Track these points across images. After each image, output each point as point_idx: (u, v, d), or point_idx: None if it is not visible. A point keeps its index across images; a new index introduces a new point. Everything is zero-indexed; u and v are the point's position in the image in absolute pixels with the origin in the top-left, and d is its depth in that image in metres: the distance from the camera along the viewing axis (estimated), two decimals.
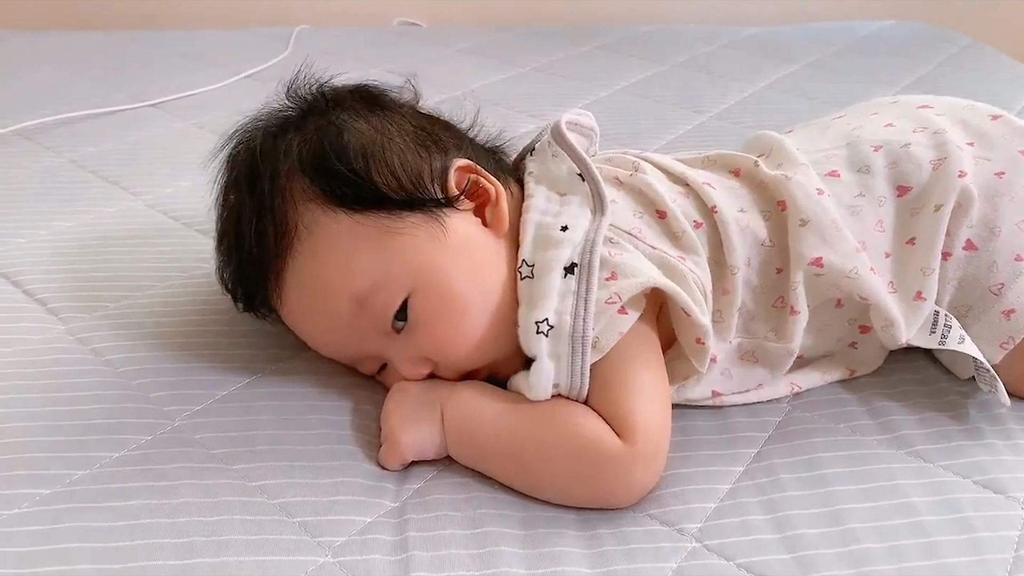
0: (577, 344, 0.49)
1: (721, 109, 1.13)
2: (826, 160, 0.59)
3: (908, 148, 0.58)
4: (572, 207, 0.54)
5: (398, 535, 0.47)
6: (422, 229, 0.52)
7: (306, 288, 0.53)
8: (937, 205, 0.56)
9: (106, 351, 0.60)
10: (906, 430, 0.55)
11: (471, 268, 0.53)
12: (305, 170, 0.53)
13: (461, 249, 0.53)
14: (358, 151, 0.53)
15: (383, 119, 0.56)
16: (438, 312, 0.52)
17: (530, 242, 0.53)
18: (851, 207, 0.57)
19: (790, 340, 0.56)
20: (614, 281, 0.50)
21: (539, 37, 1.50)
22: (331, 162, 0.53)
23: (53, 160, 0.93)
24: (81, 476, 0.49)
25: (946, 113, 0.62)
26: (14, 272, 0.70)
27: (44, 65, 1.26)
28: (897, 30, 1.56)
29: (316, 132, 0.55)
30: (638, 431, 0.48)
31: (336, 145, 0.53)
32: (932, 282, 0.56)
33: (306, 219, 0.52)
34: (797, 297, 0.55)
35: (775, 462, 0.53)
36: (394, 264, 0.52)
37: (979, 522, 0.48)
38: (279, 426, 0.54)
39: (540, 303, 0.50)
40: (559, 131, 0.57)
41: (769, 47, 1.43)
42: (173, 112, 1.09)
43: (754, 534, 0.47)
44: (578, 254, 0.51)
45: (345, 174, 0.52)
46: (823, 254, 0.54)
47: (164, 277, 0.70)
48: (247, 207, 0.54)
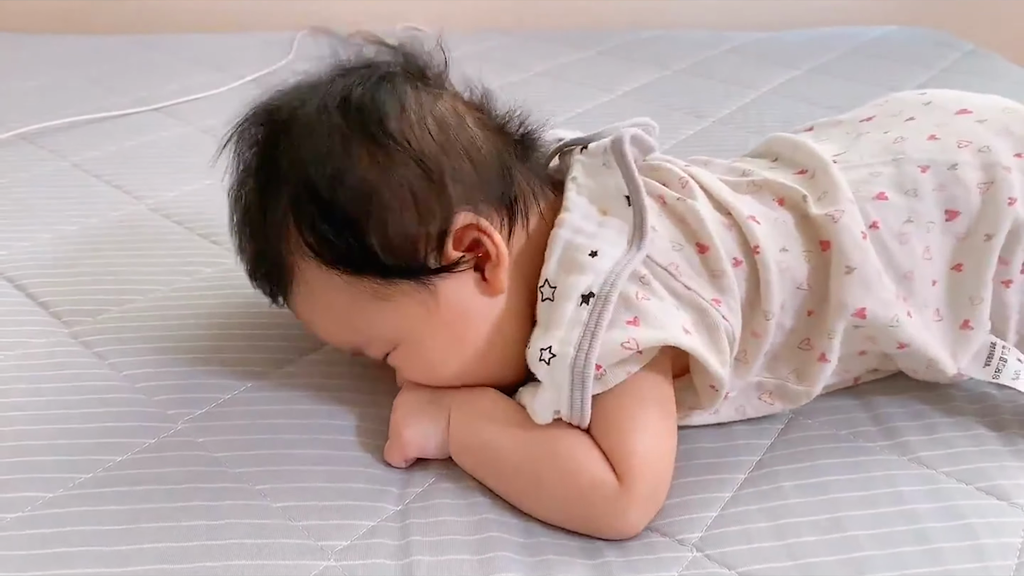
0: (577, 378, 0.47)
1: (724, 114, 1.13)
2: (872, 179, 0.55)
3: (955, 170, 0.55)
4: (610, 232, 0.51)
5: (401, 539, 0.47)
6: (412, 298, 0.50)
7: (309, 321, 0.55)
8: (988, 235, 0.54)
9: (109, 355, 0.60)
10: (908, 436, 0.55)
11: (456, 341, 0.52)
12: (298, 226, 0.50)
13: (448, 320, 0.51)
14: (351, 211, 0.49)
15: (386, 153, 0.49)
16: (415, 367, 0.54)
17: (555, 262, 0.50)
18: (900, 234, 0.54)
19: (812, 384, 0.55)
20: (635, 327, 0.48)
21: (542, 42, 1.50)
22: (323, 226, 0.49)
23: (57, 164, 0.93)
24: (85, 480, 0.49)
25: (988, 119, 0.58)
26: (18, 276, 0.70)
27: (48, 69, 1.27)
28: (900, 35, 1.56)
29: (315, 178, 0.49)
30: (636, 475, 0.47)
31: (327, 202, 0.49)
32: (982, 312, 0.54)
33: (303, 268, 0.51)
34: (831, 347, 0.53)
35: (777, 469, 0.53)
36: (380, 327, 0.52)
37: (982, 529, 0.48)
38: (282, 430, 0.54)
39: (552, 331, 0.48)
40: (620, 149, 0.54)
41: (772, 52, 1.43)
42: (176, 116, 1.09)
43: (756, 542, 0.47)
44: (598, 284, 0.48)
45: (342, 238, 0.49)
46: (867, 304, 0.52)
47: (168, 281, 0.70)
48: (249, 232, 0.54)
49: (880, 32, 1.58)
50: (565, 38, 1.52)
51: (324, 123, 0.50)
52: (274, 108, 0.53)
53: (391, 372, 0.58)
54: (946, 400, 0.58)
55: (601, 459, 0.48)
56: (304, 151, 0.50)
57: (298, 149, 0.50)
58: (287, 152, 0.51)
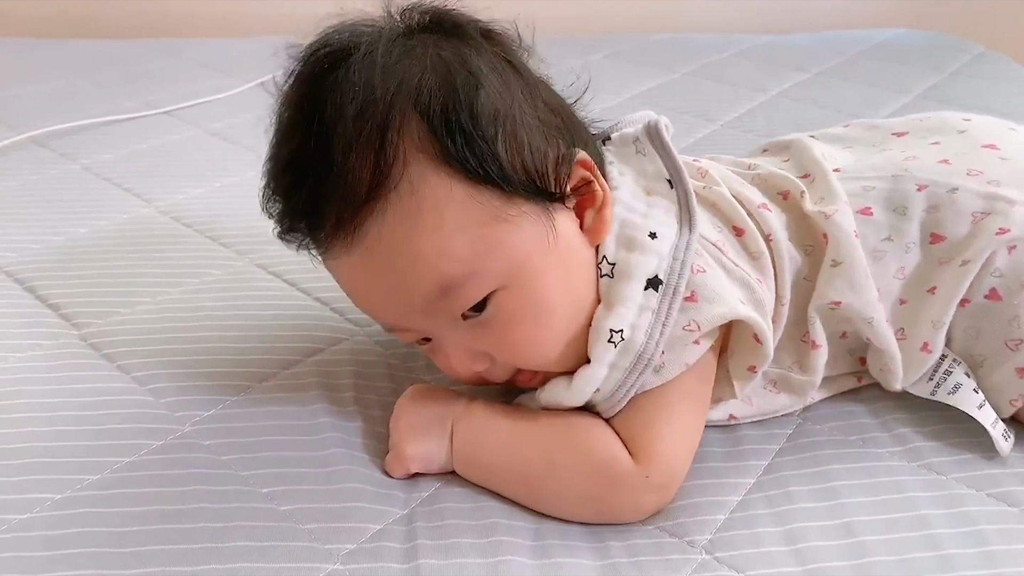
0: (640, 364, 0.47)
1: (732, 117, 1.13)
2: (863, 193, 0.55)
3: (954, 194, 0.54)
4: (659, 212, 0.51)
5: (407, 543, 0.46)
6: (531, 222, 0.46)
7: (387, 251, 0.45)
8: (965, 260, 0.53)
9: (118, 356, 0.61)
10: (918, 442, 0.55)
11: (566, 275, 0.48)
12: (430, 117, 0.44)
13: (564, 255, 0.48)
14: (492, 115, 0.45)
15: (518, 84, 0.48)
16: (523, 315, 0.47)
17: (614, 238, 0.50)
18: (875, 251, 0.54)
19: (813, 373, 0.55)
20: (693, 304, 0.48)
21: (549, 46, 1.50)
22: (463, 118, 0.44)
23: (67, 167, 0.94)
24: (92, 481, 0.49)
25: (1011, 158, 0.57)
26: (28, 278, 0.71)
27: (59, 73, 1.27)
28: (909, 38, 1.55)
29: (451, 75, 0.45)
30: (656, 459, 0.47)
31: (470, 102, 0.45)
32: (940, 335, 0.54)
33: (414, 173, 0.44)
34: (817, 331, 0.54)
35: (786, 474, 0.52)
36: (495, 256, 0.46)
37: (993, 535, 0.48)
38: (288, 433, 0.54)
39: (617, 309, 0.48)
40: (658, 131, 0.53)
41: (781, 55, 1.43)
42: (186, 120, 1.09)
43: (765, 546, 0.47)
44: (664, 270, 0.48)
45: (475, 138, 0.44)
46: (844, 298, 0.53)
47: (176, 283, 0.70)
48: (348, 130, 0.44)
49: (889, 35, 1.57)
50: (573, 42, 1.52)
51: (468, 32, 0.49)
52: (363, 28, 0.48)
53: (400, 373, 0.58)
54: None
55: (616, 440, 0.48)
56: (444, 49, 0.46)
57: (435, 49, 0.46)
58: (417, 49, 0.46)
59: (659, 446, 0.47)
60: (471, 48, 0.48)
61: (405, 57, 0.46)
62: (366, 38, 0.47)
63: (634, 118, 0.56)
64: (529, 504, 0.49)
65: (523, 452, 0.49)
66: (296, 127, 0.46)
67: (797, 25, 1.69)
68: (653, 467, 0.47)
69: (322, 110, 0.45)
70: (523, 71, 0.50)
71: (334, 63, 0.46)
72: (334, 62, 0.46)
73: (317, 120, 0.45)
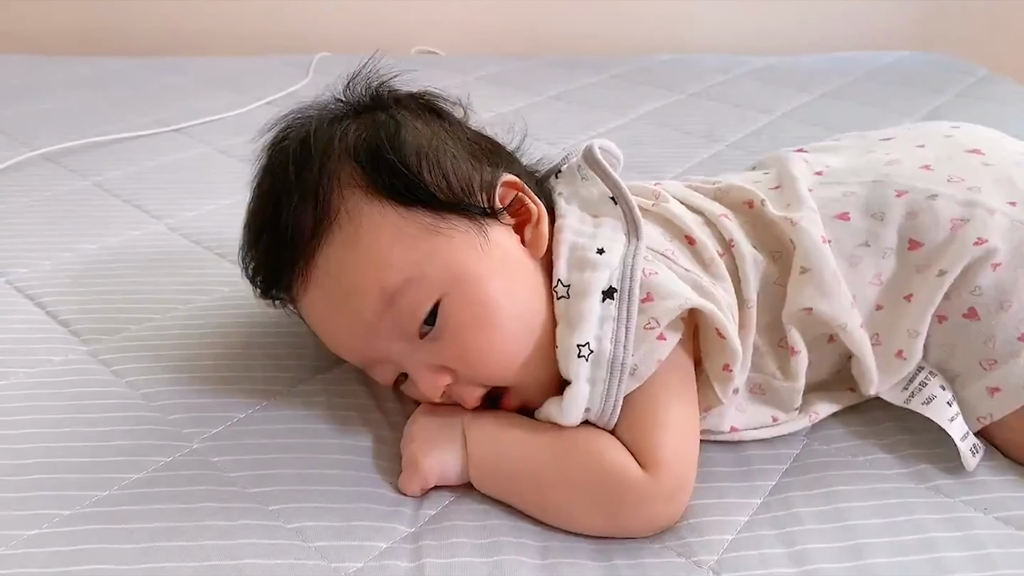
0: (616, 371, 0.49)
1: (738, 138, 1.13)
2: (842, 198, 0.57)
3: (933, 200, 0.55)
4: (606, 229, 0.54)
5: (415, 561, 0.46)
6: (464, 234, 0.52)
7: (335, 275, 0.51)
8: (941, 270, 0.54)
9: (127, 373, 0.61)
10: (925, 464, 0.55)
11: (508, 281, 0.52)
12: (357, 157, 0.53)
13: (500, 260, 0.52)
14: (412, 148, 0.53)
15: (439, 125, 0.57)
16: (470, 319, 0.50)
17: (564, 261, 0.53)
18: (851, 256, 0.55)
19: (795, 379, 0.56)
20: (650, 304, 0.50)
21: (557, 66, 1.51)
22: (384, 152, 0.52)
23: (78, 183, 0.94)
24: (100, 498, 0.50)
25: (995, 164, 0.58)
26: (38, 294, 0.71)
27: (70, 90, 1.29)
28: (914, 60, 1.56)
29: (372, 123, 0.55)
30: (662, 464, 0.48)
31: (391, 138, 0.53)
32: (917, 344, 0.54)
33: (350, 204, 0.51)
34: (795, 338, 0.55)
35: (792, 495, 0.52)
36: (431, 263, 0.50)
37: (1001, 558, 0.47)
38: (296, 450, 0.54)
39: (580, 325, 0.50)
40: (592, 154, 0.57)
41: (785, 76, 1.44)
42: (195, 137, 1.10)
43: (772, 567, 0.47)
44: (616, 279, 0.50)
45: (398, 166, 0.52)
46: (815, 305, 0.54)
47: (186, 300, 0.70)
48: (290, 186, 0.52)
49: (894, 57, 1.58)
50: (579, 62, 1.53)
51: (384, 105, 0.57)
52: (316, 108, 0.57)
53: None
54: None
55: (623, 449, 0.49)
56: (364, 120, 0.55)
57: (365, 116, 0.56)
58: (344, 122, 0.55)
59: (663, 452, 0.48)
60: (392, 103, 0.57)
61: (335, 121, 0.55)
62: (309, 120, 0.56)
63: (579, 148, 0.59)
64: (540, 514, 0.49)
65: (535, 458, 0.50)
66: (253, 203, 0.56)
67: (802, 47, 1.71)
68: (661, 473, 0.48)
69: (271, 178, 0.55)
70: (446, 116, 0.59)
71: (284, 141, 0.55)
72: (284, 140, 0.55)
73: (268, 188, 0.54)
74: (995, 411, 0.54)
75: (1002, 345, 0.54)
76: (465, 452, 0.51)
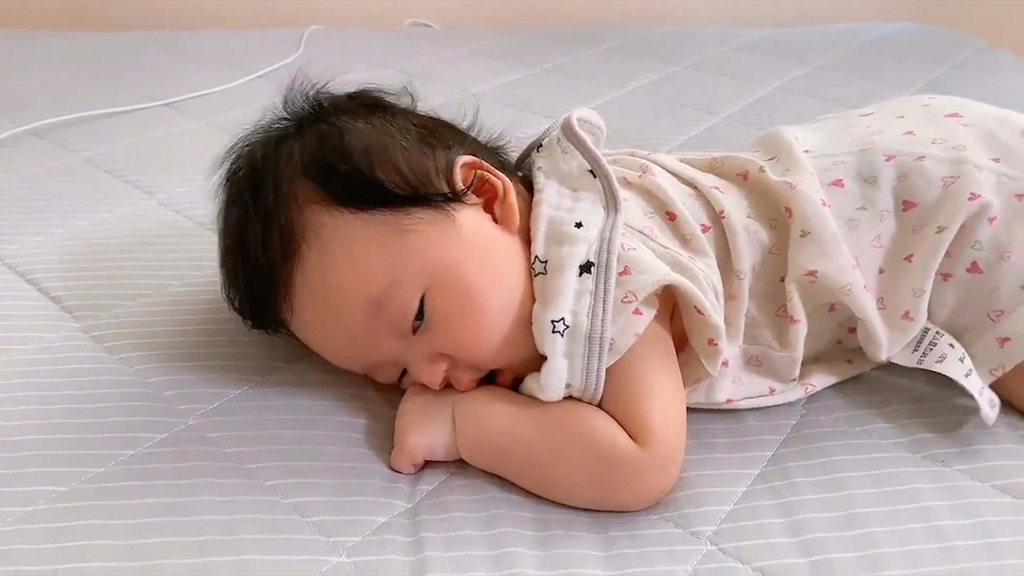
0: (594, 345, 0.48)
1: (735, 110, 1.12)
2: (833, 167, 0.57)
3: (922, 162, 0.56)
4: (585, 203, 0.53)
5: (413, 536, 0.46)
6: (432, 224, 0.51)
7: (317, 295, 0.51)
8: (940, 227, 0.54)
9: (120, 349, 0.61)
10: (923, 434, 0.55)
11: (485, 261, 0.52)
12: (308, 173, 0.52)
13: (473, 242, 0.52)
14: (360, 151, 0.52)
15: (384, 120, 0.56)
16: (456, 307, 0.51)
17: (542, 237, 0.52)
18: (850, 220, 0.56)
19: (793, 349, 0.55)
20: (627, 277, 0.49)
21: (552, 38, 1.50)
22: (334, 162, 0.52)
23: (68, 159, 0.93)
24: (96, 474, 0.49)
25: (974, 124, 0.59)
26: (30, 270, 0.71)
27: (59, 65, 1.27)
28: (911, 32, 1.55)
29: (316, 136, 0.54)
30: (653, 434, 0.48)
31: (338, 146, 0.53)
32: (922, 303, 0.55)
33: (312, 222, 0.51)
34: (795, 306, 0.55)
35: (790, 465, 0.52)
36: (407, 261, 0.50)
37: (998, 527, 0.48)
38: (293, 425, 0.54)
39: (555, 300, 0.49)
40: (570, 127, 0.56)
41: (783, 49, 1.43)
42: (186, 112, 1.09)
43: (770, 537, 0.47)
44: (594, 253, 0.50)
45: (348, 174, 0.51)
46: (818, 267, 0.54)
47: (179, 276, 0.70)
48: (250, 218, 0.53)
49: (891, 29, 1.57)
50: (576, 34, 1.52)
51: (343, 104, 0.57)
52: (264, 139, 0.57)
53: None
54: (960, 398, 0.58)
55: (612, 422, 0.49)
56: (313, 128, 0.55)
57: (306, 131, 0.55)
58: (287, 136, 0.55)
59: (652, 423, 0.48)
60: (332, 111, 0.56)
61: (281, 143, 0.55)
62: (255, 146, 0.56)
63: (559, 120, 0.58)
64: (534, 487, 0.50)
65: (526, 434, 0.50)
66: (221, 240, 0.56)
67: (799, 19, 1.69)
68: (652, 444, 0.48)
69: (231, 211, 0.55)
70: (389, 109, 0.58)
71: (242, 187, 0.55)
72: (242, 186, 0.55)
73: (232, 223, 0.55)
74: (1006, 361, 0.55)
75: (1007, 296, 0.55)
76: (453, 428, 0.51)
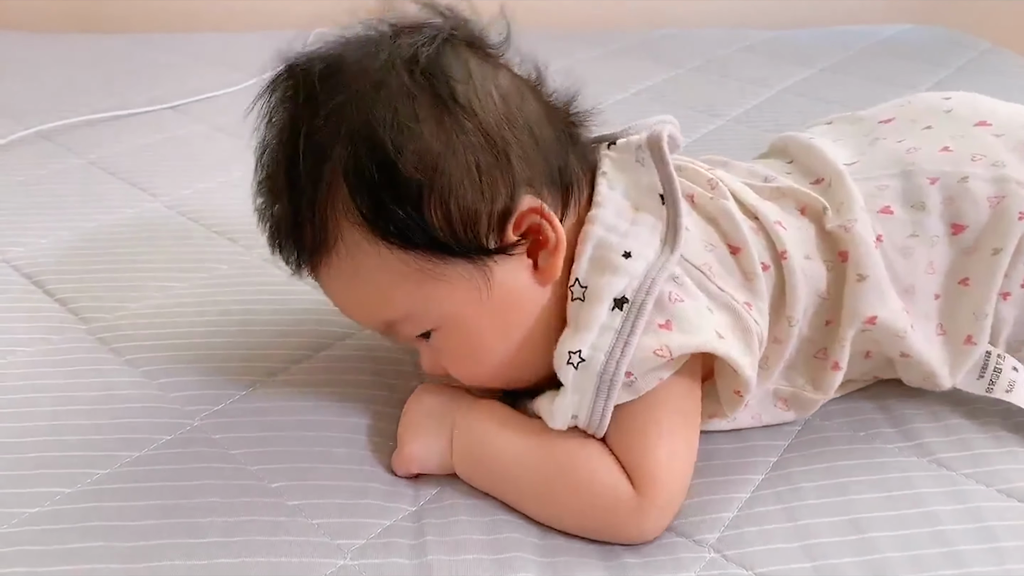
0: (604, 385, 0.46)
1: (738, 112, 1.12)
2: (879, 192, 0.55)
3: (966, 183, 0.54)
4: (642, 230, 0.49)
5: (417, 539, 0.47)
6: (466, 280, 0.48)
7: (338, 293, 0.51)
8: (996, 248, 0.53)
9: (126, 351, 0.61)
10: (927, 438, 0.55)
11: (506, 323, 0.49)
12: (352, 189, 0.46)
13: (500, 307, 0.49)
14: (416, 185, 0.45)
15: (455, 121, 0.46)
16: (458, 353, 0.51)
17: (587, 260, 0.49)
18: (903, 248, 0.53)
19: (826, 392, 0.54)
20: (667, 332, 0.46)
21: (555, 40, 1.49)
22: (385, 193, 0.45)
23: (74, 161, 0.94)
24: (102, 475, 0.50)
25: (1005, 134, 0.57)
26: (35, 272, 0.71)
27: (65, 68, 1.27)
28: (915, 34, 1.55)
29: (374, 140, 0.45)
30: (656, 484, 0.46)
31: (393, 171, 0.45)
32: (985, 326, 0.53)
33: (348, 240, 0.47)
34: (843, 353, 0.53)
35: (794, 471, 0.52)
36: (430, 307, 0.49)
37: (1003, 531, 0.48)
38: (298, 427, 0.54)
39: (581, 333, 0.47)
40: (659, 143, 0.51)
41: (786, 51, 1.42)
42: (191, 115, 1.09)
43: (774, 543, 0.47)
44: (632, 290, 0.47)
45: (399, 211, 0.45)
46: (878, 312, 0.52)
47: (184, 278, 0.70)
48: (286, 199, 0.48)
49: (895, 31, 1.57)
50: (578, 37, 1.52)
51: (391, 81, 0.46)
52: (325, 59, 0.48)
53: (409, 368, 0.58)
54: (966, 402, 0.57)
55: (616, 466, 0.47)
56: (367, 108, 0.46)
57: (360, 104, 0.46)
58: (346, 107, 0.46)
59: (659, 471, 0.46)
60: (406, 94, 0.46)
61: (347, 111, 0.46)
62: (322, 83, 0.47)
63: (645, 123, 0.54)
64: (528, 513, 0.49)
65: (523, 464, 0.49)
66: (259, 171, 0.51)
67: (802, 21, 1.69)
68: (652, 493, 0.46)
69: (277, 164, 0.49)
70: (478, 105, 0.47)
71: (292, 108, 0.49)
72: (292, 106, 0.49)
73: (274, 173, 0.49)
74: None
75: None
76: (449, 446, 0.51)
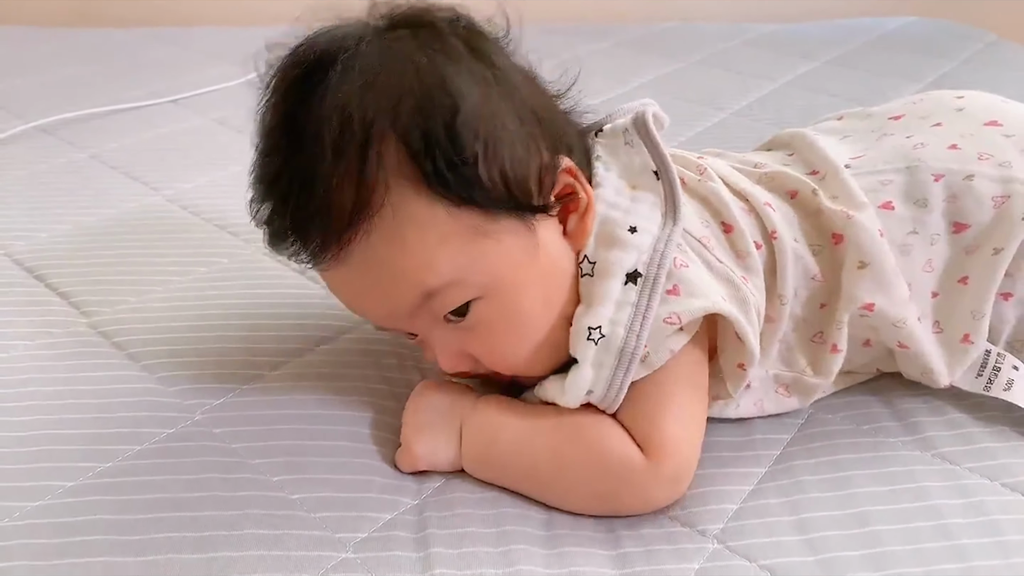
0: (625, 359, 0.46)
1: (741, 106, 1.12)
2: (881, 187, 0.55)
3: (971, 181, 0.54)
4: (642, 206, 0.50)
5: (419, 532, 0.46)
6: (514, 236, 0.47)
7: (373, 268, 0.46)
8: (996, 248, 0.53)
9: (127, 345, 0.61)
10: (931, 432, 0.54)
11: (547, 288, 0.49)
12: (410, 142, 0.44)
13: (543, 266, 0.48)
14: (472, 136, 0.44)
15: (500, 88, 0.47)
16: (502, 325, 0.48)
17: (593, 237, 0.49)
18: (902, 245, 0.54)
19: (827, 376, 0.54)
20: (675, 297, 0.47)
21: (558, 34, 1.49)
22: (442, 142, 0.44)
23: (75, 155, 0.93)
24: (103, 469, 0.50)
25: (1016, 134, 0.57)
26: (37, 266, 0.71)
27: (66, 62, 1.27)
28: (920, 27, 1.54)
29: (429, 92, 0.44)
30: (666, 451, 0.47)
31: (450, 122, 0.44)
32: (983, 326, 0.53)
33: (396, 198, 0.44)
34: (841, 336, 0.53)
35: (797, 464, 0.52)
36: (476, 268, 0.46)
37: (1007, 525, 0.47)
38: (299, 421, 0.54)
39: (597, 308, 0.47)
40: (645, 122, 0.52)
41: (789, 44, 1.42)
42: (192, 108, 1.09)
43: (777, 536, 0.47)
44: (643, 263, 0.48)
45: (455, 162, 0.44)
46: (876, 300, 0.52)
47: (185, 271, 0.70)
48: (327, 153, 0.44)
49: (899, 23, 1.56)
50: (580, 30, 1.51)
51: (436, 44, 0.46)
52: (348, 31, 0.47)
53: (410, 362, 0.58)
54: (969, 397, 0.57)
55: (626, 436, 0.48)
56: (421, 63, 0.45)
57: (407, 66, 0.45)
58: (398, 60, 0.45)
59: (668, 440, 0.47)
60: (450, 57, 0.46)
61: (383, 73, 0.45)
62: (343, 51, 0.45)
63: (628, 108, 0.55)
64: (537, 497, 0.49)
65: (532, 451, 0.49)
66: (278, 146, 0.46)
67: (805, 14, 1.68)
68: (664, 461, 0.47)
69: (302, 132, 0.45)
70: (503, 74, 0.48)
71: (311, 77, 0.45)
72: (311, 75, 0.45)
73: (298, 142, 0.45)
74: None
75: None
76: (459, 444, 0.51)
